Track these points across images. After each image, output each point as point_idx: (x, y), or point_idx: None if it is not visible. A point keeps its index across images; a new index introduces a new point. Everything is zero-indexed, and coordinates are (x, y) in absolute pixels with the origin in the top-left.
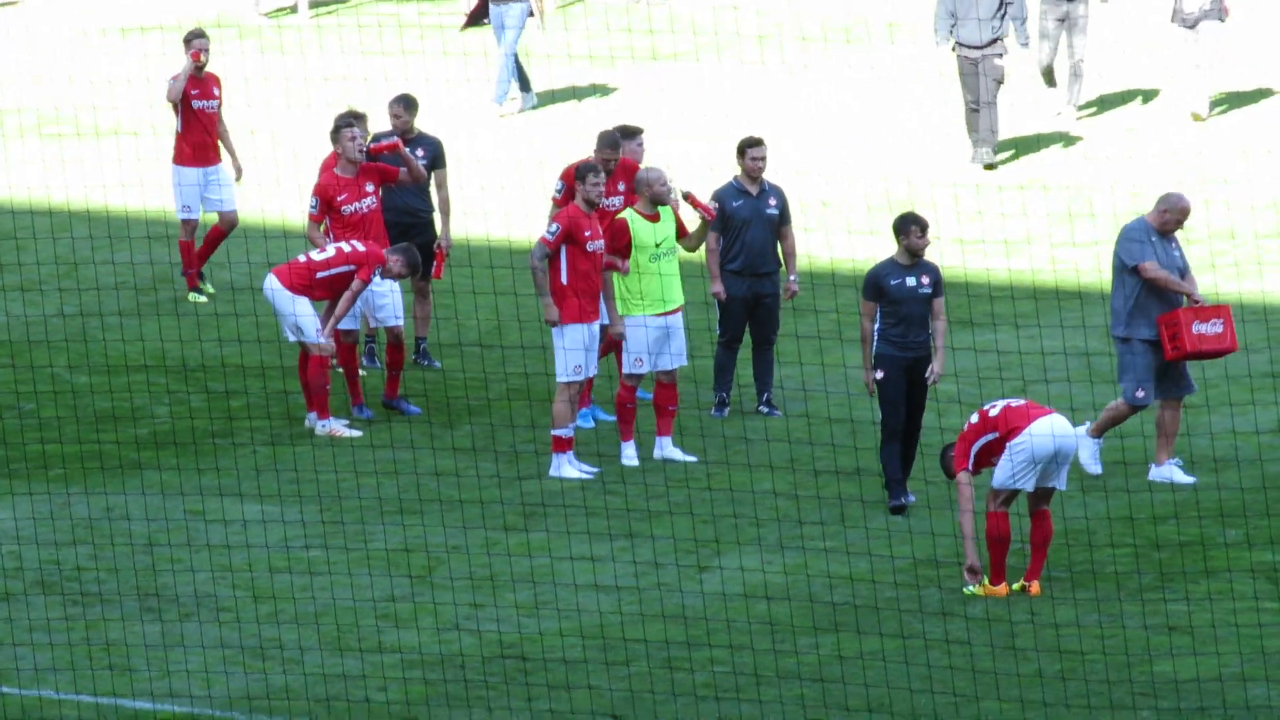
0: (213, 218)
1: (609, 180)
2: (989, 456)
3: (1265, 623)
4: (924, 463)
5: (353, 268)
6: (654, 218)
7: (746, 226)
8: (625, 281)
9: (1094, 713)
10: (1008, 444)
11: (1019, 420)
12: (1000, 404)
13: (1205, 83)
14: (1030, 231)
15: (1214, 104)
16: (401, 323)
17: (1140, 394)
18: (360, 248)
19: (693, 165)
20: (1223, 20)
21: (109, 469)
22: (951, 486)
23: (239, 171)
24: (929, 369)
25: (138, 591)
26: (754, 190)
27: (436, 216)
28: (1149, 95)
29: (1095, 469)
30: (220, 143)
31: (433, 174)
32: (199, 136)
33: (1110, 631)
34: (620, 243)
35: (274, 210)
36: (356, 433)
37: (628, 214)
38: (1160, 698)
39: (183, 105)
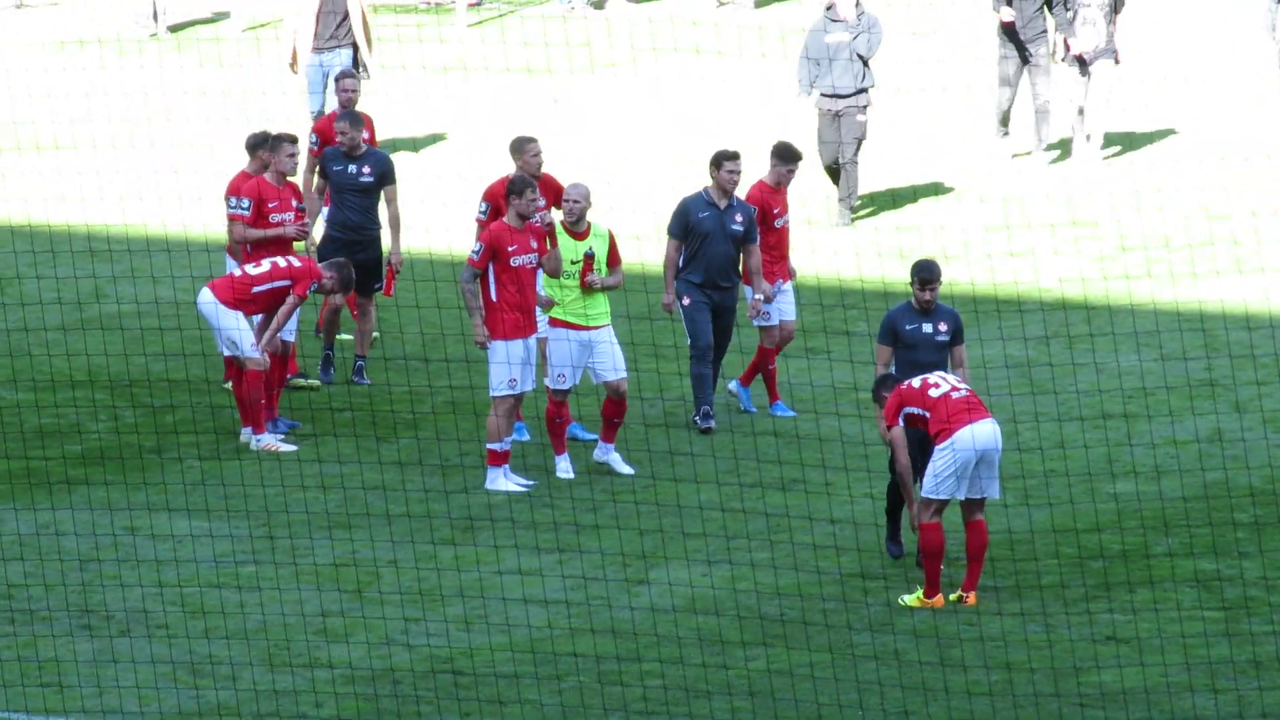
0: None
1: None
2: (912, 423)
3: (1206, 631)
4: (871, 480)
5: (288, 282)
6: (579, 235)
7: (709, 239)
8: (549, 289)
9: None
10: (935, 447)
11: (951, 419)
12: (946, 387)
13: (1097, 122)
14: (968, 241)
15: (1109, 140)
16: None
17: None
18: (296, 263)
19: (631, 175)
20: (1117, 62)
21: (45, 485)
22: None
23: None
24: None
25: (74, 608)
26: (722, 204)
27: (384, 233)
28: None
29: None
30: None
31: (381, 190)
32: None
33: (1050, 641)
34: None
35: (210, 224)
36: (293, 447)
37: (556, 225)
38: (1093, 708)
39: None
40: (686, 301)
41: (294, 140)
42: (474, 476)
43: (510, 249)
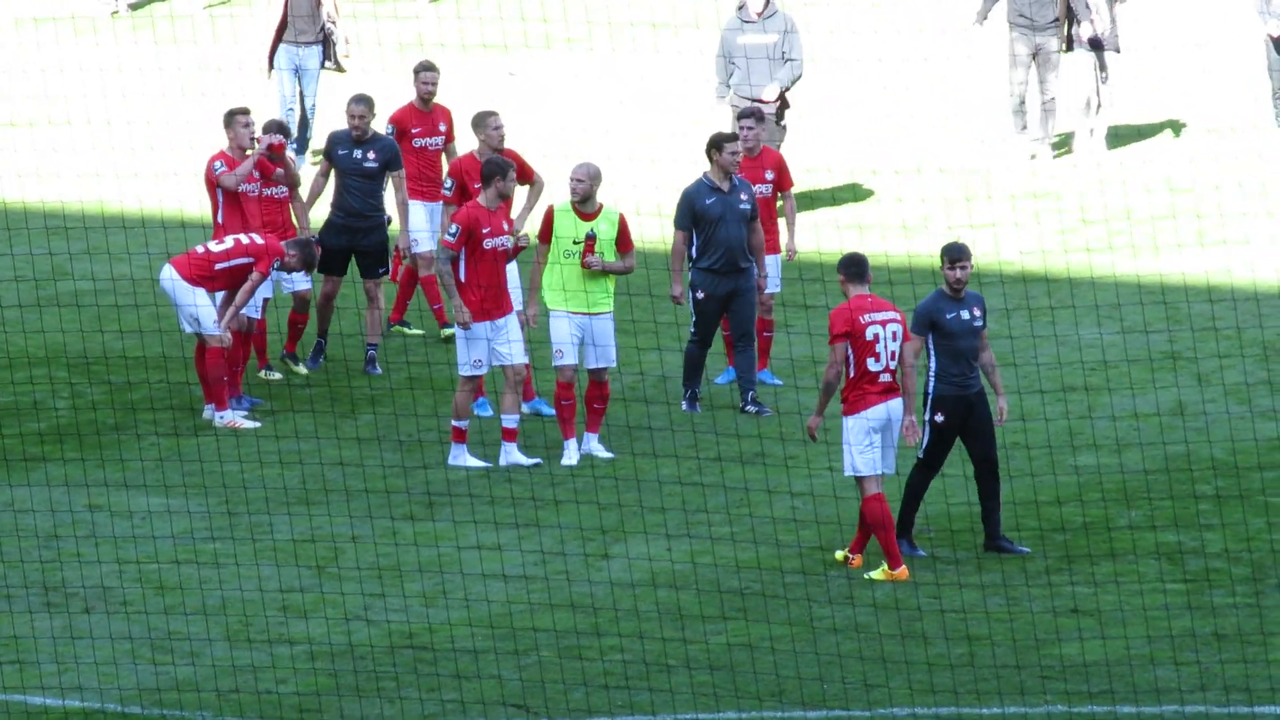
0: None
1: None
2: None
3: (1168, 604)
4: (830, 451)
5: (250, 259)
6: (587, 216)
7: (720, 224)
8: (547, 273)
9: (997, 696)
10: (844, 419)
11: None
12: (880, 366)
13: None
14: (928, 214)
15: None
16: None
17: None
18: (259, 240)
19: (591, 150)
20: (1118, 51)
21: (9, 463)
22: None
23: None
24: (999, 410)
25: (36, 585)
26: (725, 186)
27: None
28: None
29: None
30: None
31: (389, 175)
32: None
33: (1012, 615)
34: (541, 230)
35: (171, 201)
36: (256, 424)
37: (559, 204)
38: (1055, 680)
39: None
40: (700, 295)
41: (247, 111)
42: (435, 453)
43: (484, 231)
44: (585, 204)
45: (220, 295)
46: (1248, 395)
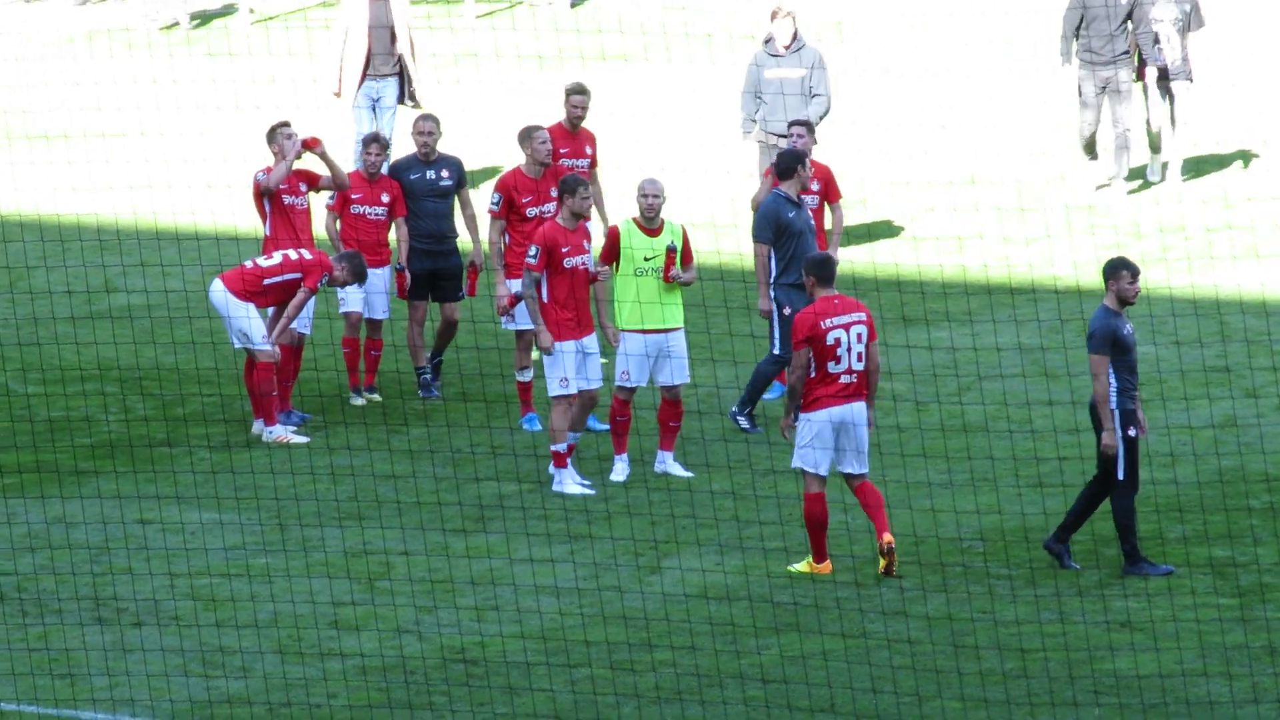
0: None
1: (545, 186)
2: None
3: (1221, 618)
4: (880, 460)
5: (299, 275)
6: (652, 231)
7: (802, 238)
8: (618, 291)
9: (1048, 709)
10: (800, 415)
11: (822, 394)
12: (859, 348)
13: (1173, 145)
14: (981, 227)
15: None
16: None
17: None
18: (308, 255)
19: (641, 166)
20: (1191, 81)
21: (59, 477)
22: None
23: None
24: (1139, 420)
25: (86, 600)
26: (799, 202)
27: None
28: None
29: None
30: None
31: (458, 194)
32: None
33: (1058, 629)
34: (606, 249)
35: (223, 215)
36: (305, 438)
37: (623, 222)
38: (1108, 694)
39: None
40: (787, 311)
41: (288, 124)
42: (485, 467)
43: (564, 250)
44: (653, 220)
45: (270, 310)
46: None
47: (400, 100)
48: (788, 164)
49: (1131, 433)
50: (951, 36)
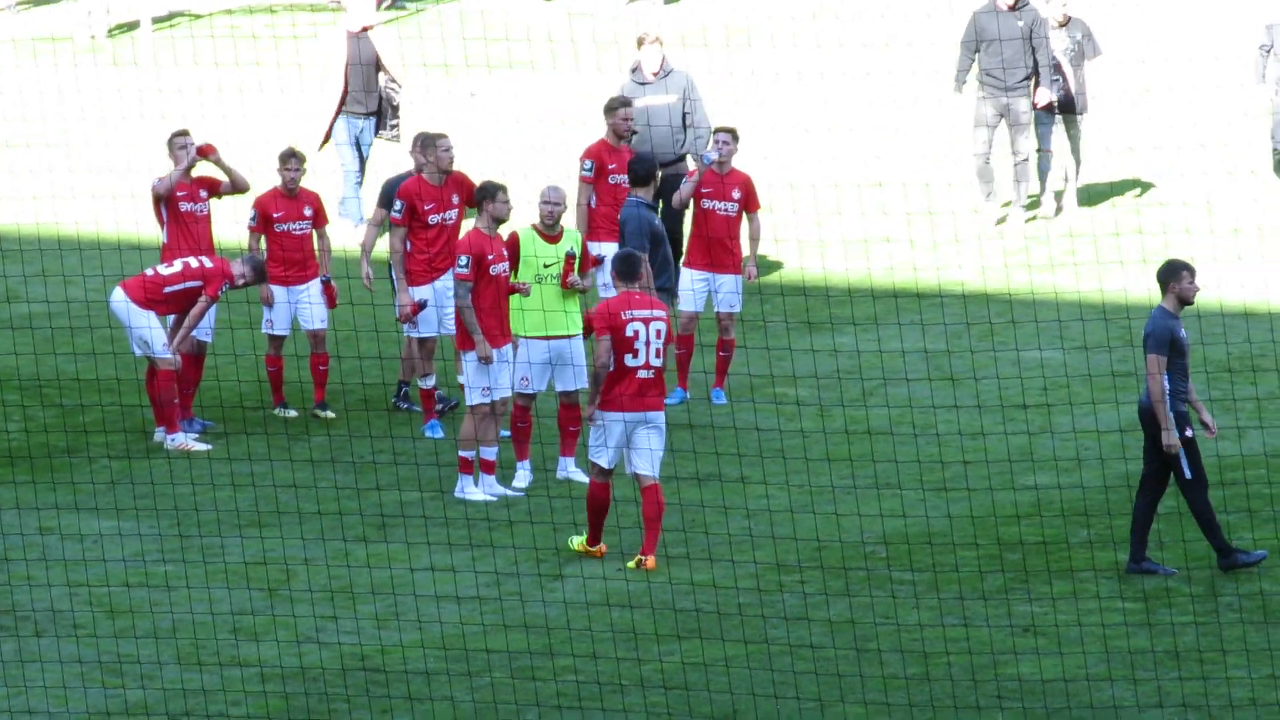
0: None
1: (448, 194)
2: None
3: (1113, 623)
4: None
5: (200, 283)
6: (552, 238)
7: (664, 243)
8: (515, 298)
9: (952, 713)
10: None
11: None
12: (657, 344)
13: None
14: (870, 232)
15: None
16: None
17: None
18: (208, 264)
19: (548, 174)
20: (1084, 111)
21: None
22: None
23: None
24: (1207, 422)
25: None
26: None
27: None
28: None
29: None
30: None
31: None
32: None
33: (961, 633)
34: (510, 257)
35: (127, 223)
36: (207, 446)
37: (523, 229)
38: (1011, 699)
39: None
40: (1190, 433)
41: (186, 133)
42: (386, 475)
43: (489, 257)
44: (553, 227)
45: (170, 318)
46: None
47: (376, 133)
48: (645, 171)
49: (1189, 433)
50: (851, 37)
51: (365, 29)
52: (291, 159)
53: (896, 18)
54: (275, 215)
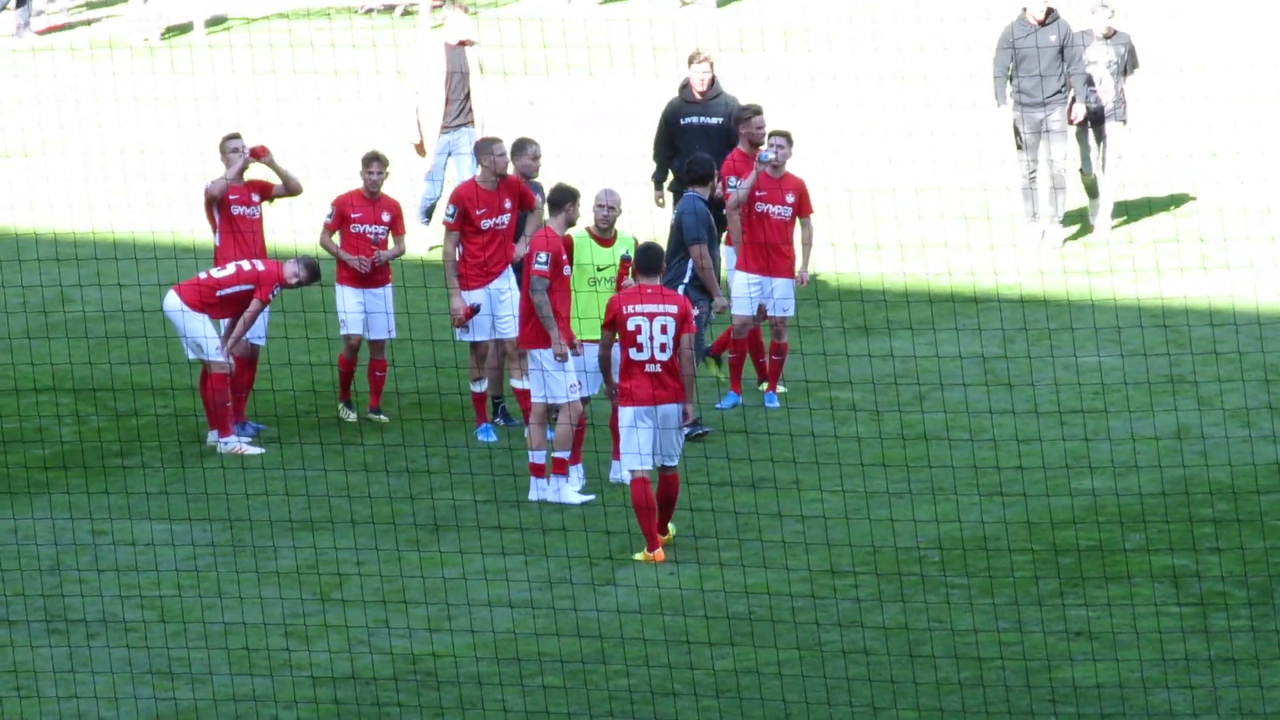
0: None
1: (500, 199)
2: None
3: (1167, 628)
4: (823, 472)
5: (252, 286)
6: (606, 242)
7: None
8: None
9: (1005, 717)
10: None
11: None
12: (663, 339)
13: (1106, 189)
14: (925, 236)
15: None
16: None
17: None
18: (260, 267)
19: (606, 175)
20: (1125, 123)
21: (13, 490)
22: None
23: None
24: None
25: (40, 613)
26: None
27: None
28: None
29: None
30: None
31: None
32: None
33: (1015, 638)
34: (558, 260)
35: (183, 227)
36: (259, 450)
37: (577, 234)
38: (1065, 704)
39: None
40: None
41: (236, 136)
42: (439, 479)
43: (564, 258)
44: (608, 230)
45: (224, 321)
46: (1248, 419)
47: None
48: (705, 170)
49: None
50: (908, 41)
51: (463, 43)
52: (374, 162)
53: (954, 20)
54: (353, 216)
